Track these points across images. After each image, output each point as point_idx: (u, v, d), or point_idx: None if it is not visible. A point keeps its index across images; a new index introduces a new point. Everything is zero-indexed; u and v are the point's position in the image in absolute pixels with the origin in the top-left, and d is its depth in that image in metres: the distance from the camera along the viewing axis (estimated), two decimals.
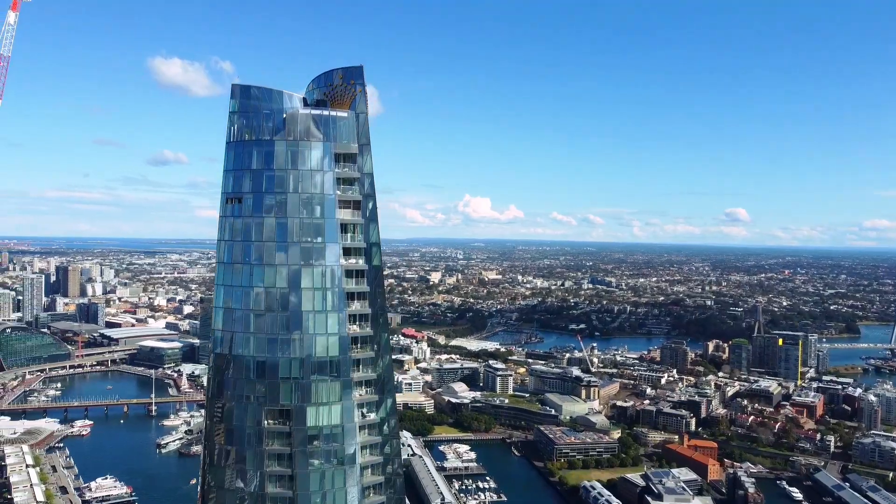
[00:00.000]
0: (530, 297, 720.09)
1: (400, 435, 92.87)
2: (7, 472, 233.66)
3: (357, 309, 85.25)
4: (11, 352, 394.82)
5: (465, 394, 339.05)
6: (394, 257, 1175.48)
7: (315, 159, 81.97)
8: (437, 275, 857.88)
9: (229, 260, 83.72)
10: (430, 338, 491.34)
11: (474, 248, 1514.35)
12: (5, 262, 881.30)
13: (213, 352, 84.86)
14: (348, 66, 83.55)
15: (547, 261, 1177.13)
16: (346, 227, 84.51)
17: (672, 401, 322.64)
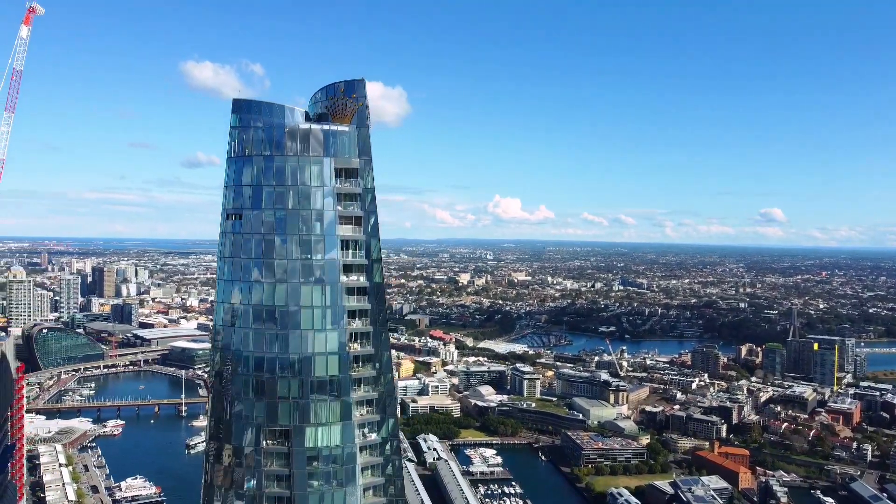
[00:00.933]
0: (560, 299, 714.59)
1: (402, 454, 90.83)
2: (41, 471, 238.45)
3: (358, 327, 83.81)
4: (47, 352, 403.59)
5: (492, 397, 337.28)
6: (423, 258, 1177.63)
7: (315, 175, 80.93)
8: (466, 276, 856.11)
9: (229, 277, 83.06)
10: (458, 340, 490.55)
11: (504, 249, 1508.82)
12: (45, 263, 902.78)
13: (213, 370, 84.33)
14: (350, 80, 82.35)
15: (577, 262, 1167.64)
16: (347, 244, 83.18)
17: (703, 406, 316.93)
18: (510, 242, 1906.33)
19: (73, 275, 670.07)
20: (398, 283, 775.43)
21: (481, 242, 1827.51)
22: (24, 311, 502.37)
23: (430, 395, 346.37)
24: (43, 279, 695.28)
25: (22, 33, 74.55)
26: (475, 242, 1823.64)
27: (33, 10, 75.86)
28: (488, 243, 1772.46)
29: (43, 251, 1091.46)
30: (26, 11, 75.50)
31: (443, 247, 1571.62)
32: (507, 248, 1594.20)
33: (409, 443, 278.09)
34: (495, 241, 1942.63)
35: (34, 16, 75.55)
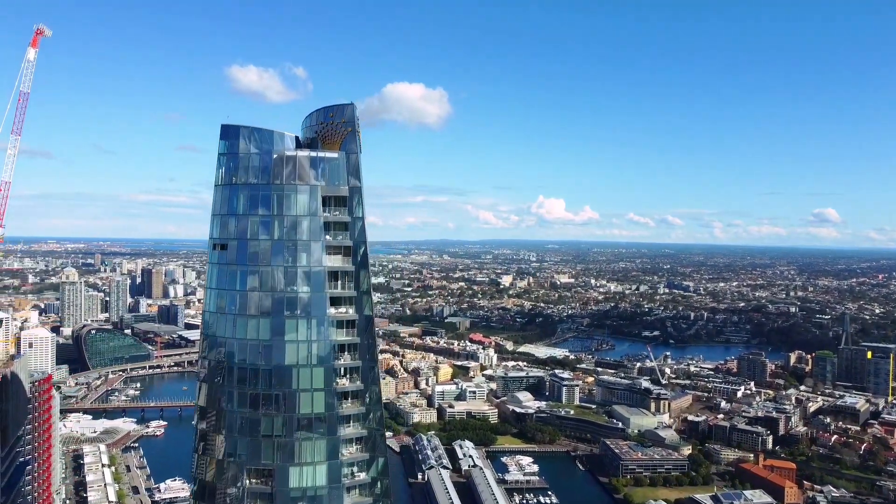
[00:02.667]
0: (603, 302, 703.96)
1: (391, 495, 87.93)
2: (84, 471, 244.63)
3: (347, 361, 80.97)
4: (96, 352, 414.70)
5: (530, 403, 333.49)
6: (465, 259, 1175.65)
7: (302, 204, 78.58)
8: (509, 278, 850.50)
9: (214, 309, 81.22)
10: (498, 343, 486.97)
11: (548, 251, 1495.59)
12: (98, 264, 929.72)
13: (197, 405, 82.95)
14: (340, 104, 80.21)
15: (622, 263, 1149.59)
16: (336, 275, 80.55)
17: (748, 416, 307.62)
18: (554, 244, 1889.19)
19: (123, 276, 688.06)
20: (439, 285, 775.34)
21: (525, 244, 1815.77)
22: (76, 311, 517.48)
23: (467, 401, 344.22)
24: (95, 280, 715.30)
25: (29, 56, 75.10)
26: (519, 244, 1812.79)
27: (41, 31, 76.06)
28: (532, 244, 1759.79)
29: (97, 252, 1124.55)
30: (34, 34, 75.55)
31: (486, 248, 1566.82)
32: (550, 249, 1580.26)
33: (445, 449, 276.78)
34: (539, 243, 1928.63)
35: (41, 38, 75.52)
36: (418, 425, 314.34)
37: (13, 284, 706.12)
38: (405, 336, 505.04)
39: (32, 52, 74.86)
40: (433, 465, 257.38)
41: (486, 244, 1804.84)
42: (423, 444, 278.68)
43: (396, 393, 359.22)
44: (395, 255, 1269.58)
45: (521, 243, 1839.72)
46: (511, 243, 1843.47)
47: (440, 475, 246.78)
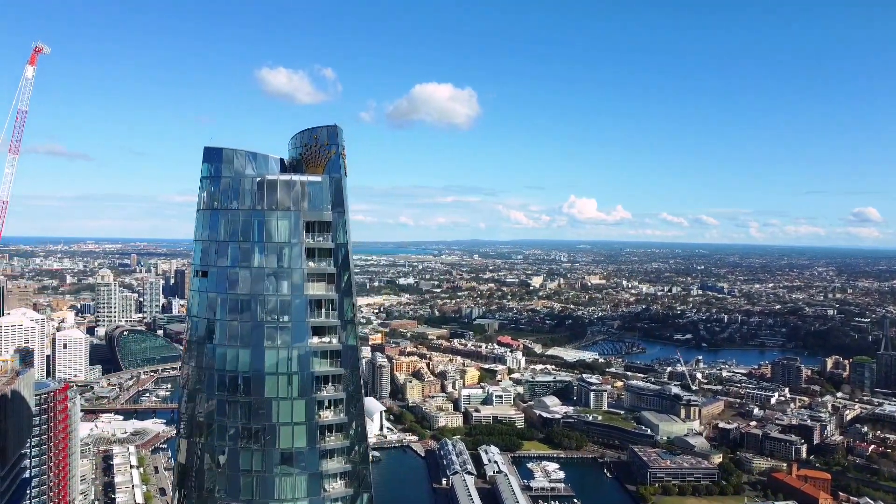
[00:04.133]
0: (634, 304, 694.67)
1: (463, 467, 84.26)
2: (113, 472, 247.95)
3: (329, 393, 77.89)
4: (128, 353, 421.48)
5: (557, 408, 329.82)
6: (496, 260, 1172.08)
7: (283, 229, 76.06)
8: (539, 279, 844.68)
9: (195, 338, 79.37)
10: (527, 346, 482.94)
11: (580, 251, 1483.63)
12: (134, 264, 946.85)
13: (178, 436, 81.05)
14: (323, 126, 77.86)
15: (655, 264, 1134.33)
16: (318, 304, 77.55)
17: (782, 424, 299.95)
18: (586, 244, 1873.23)
19: (157, 276, 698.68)
20: (469, 287, 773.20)
21: (556, 244, 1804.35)
22: (111, 312, 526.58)
23: (493, 405, 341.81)
24: (130, 280, 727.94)
25: (27, 73, 75.33)
26: (550, 244, 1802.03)
27: (39, 49, 76.29)
28: (563, 244, 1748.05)
29: (133, 252, 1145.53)
30: (32, 51, 75.52)
31: (517, 248, 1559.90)
32: (582, 249, 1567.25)
33: (470, 454, 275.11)
34: (571, 243, 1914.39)
35: (40, 55, 75.46)
36: (444, 429, 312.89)
37: (52, 285, 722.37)
38: (433, 338, 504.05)
39: (31, 70, 75.23)
40: (457, 470, 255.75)
41: (517, 244, 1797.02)
42: (447, 449, 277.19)
43: (423, 396, 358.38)
44: (426, 255, 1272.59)
45: (552, 243, 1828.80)
46: (542, 243, 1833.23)
47: (464, 481, 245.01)
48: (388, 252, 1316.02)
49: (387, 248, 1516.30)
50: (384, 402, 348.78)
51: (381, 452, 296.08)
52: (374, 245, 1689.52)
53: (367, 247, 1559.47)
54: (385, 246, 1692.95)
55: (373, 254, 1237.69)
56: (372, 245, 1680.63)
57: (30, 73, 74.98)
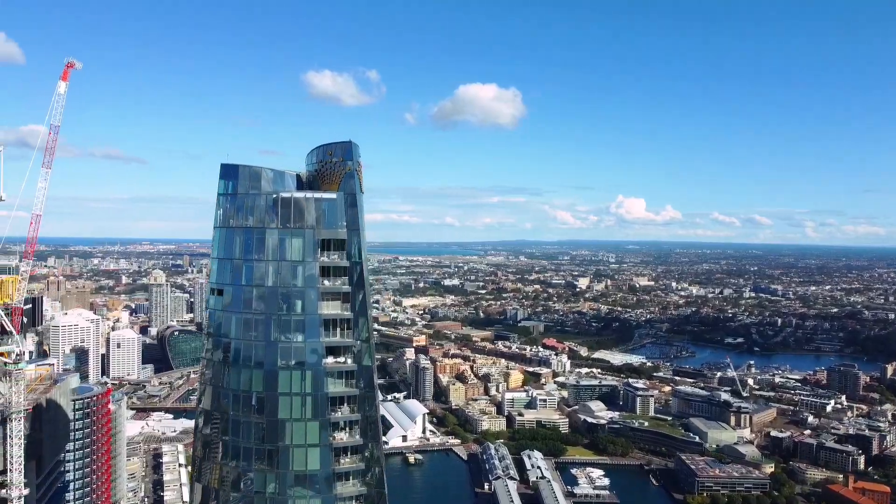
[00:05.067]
0: (683, 307, 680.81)
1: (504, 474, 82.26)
2: (162, 470, 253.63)
3: (344, 415, 76.50)
4: (179, 352, 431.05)
5: (602, 413, 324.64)
6: (542, 261, 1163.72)
7: (296, 248, 74.90)
8: (585, 280, 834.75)
9: (210, 357, 78.93)
10: (572, 349, 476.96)
11: (628, 251, 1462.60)
12: (186, 265, 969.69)
13: (194, 456, 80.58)
14: (338, 142, 76.91)
15: (706, 265, 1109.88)
16: (332, 323, 76.17)
17: (837, 433, 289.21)
18: (634, 244, 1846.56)
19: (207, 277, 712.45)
20: (514, 288, 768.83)
21: (604, 244, 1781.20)
22: (163, 312, 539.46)
23: (537, 409, 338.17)
24: (182, 281, 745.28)
25: (60, 89, 76.35)
26: (597, 244, 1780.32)
27: (71, 64, 77.26)
28: (611, 245, 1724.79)
29: (186, 253, 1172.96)
30: (64, 66, 76.86)
31: (563, 249, 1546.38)
32: (630, 250, 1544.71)
33: (513, 458, 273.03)
34: (619, 243, 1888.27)
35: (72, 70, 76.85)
36: (487, 433, 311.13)
37: (108, 285, 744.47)
38: (477, 340, 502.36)
39: (63, 86, 76.26)
40: (500, 475, 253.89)
41: (564, 245, 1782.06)
42: (490, 454, 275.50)
43: (466, 399, 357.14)
44: (471, 256, 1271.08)
45: (599, 244, 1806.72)
46: (589, 244, 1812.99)
47: (507, 486, 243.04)
48: (433, 253, 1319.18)
49: (432, 249, 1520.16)
50: (427, 404, 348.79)
51: (423, 455, 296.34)
52: (420, 246, 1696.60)
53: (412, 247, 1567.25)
54: (430, 247, 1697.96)
55: (418, 254, 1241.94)
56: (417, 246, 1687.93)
57: (62, 88, 76.07)
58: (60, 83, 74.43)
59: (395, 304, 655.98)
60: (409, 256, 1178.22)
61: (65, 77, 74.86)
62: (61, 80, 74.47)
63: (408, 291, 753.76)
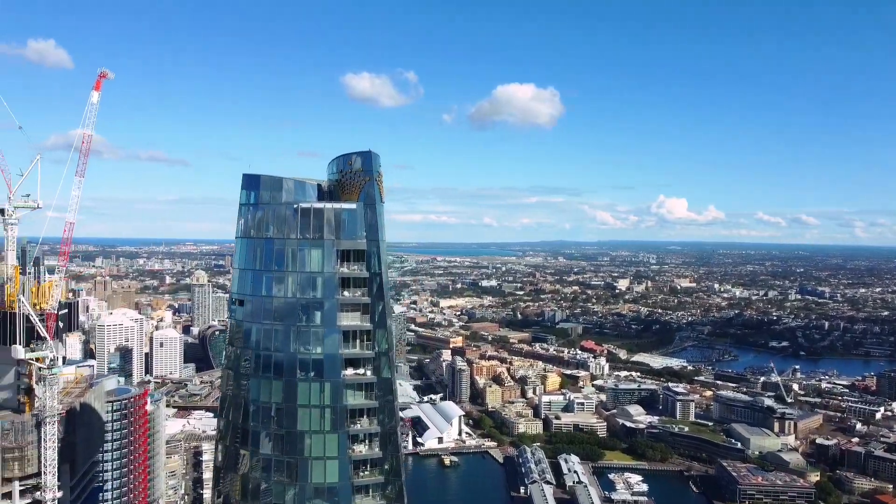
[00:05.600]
0: (726, 309, 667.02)
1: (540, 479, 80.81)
2: (202, 468, 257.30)
3: (364, 427, 75.58)
4: (219, 351, 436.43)
5: (641, 417, 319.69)
6: (581, 262, 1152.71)
7: (315, 259, 74.26)
8: (625, 282, 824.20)
9: (232, 366, 78.75)
10: (611, 352, 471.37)
11: (669, 252, 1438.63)
12: (228, 265, 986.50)
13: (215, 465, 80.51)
14: (358, 152, 76.02)
15: (750, 266, 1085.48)
16: (352, 335, 75.22)
17: (888, 442, 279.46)
18: (676, 245, 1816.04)
19: None
20: (552, 289, 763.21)
21: (644, 245, 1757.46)
22: (204, 311, 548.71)
23: (574, 412, 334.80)
24: (224, 281, 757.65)
25: (93, 98, 77.63)
26: (638, 245, 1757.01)
27: (104, 75, 78.65)
28: (652, 245, 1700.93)
29: (228, 254, 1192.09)
30: (97, 77, 78.09)
31: (603, 249, 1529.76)
32: (672, 250, 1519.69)
33: (550, 462, 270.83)
34: (660, 244, 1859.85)
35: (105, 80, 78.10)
36: (523, 436, 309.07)
37: (153, 285, 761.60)
38: (514, 342, 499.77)
39: (96, 96, 77.67)
40: (536, 479, 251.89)
41: (604, 245, 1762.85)
42: (526, 457, 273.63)
43: (502, 401, 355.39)
44: (510, 256, 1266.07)
45: (640, 244, 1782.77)
46: (629, 244, 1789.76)
47: (542, 491, 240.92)
48: (471, 253, 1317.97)
49: (470, 250, 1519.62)
50: (463, 406, 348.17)
51: (459, 457, 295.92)
52: (458, 246, 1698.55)
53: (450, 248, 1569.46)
54: (468, 247, 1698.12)
55: (456, 255, 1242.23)
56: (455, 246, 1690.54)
57: (95, 98, 77.45)
58: (93, 93, 75.76)
59: (432, 305, 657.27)
60: (446, 257, 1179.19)
61: (98, 87, 76.21)
62: (94, 90, 75.82)
63: (445, 292, 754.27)
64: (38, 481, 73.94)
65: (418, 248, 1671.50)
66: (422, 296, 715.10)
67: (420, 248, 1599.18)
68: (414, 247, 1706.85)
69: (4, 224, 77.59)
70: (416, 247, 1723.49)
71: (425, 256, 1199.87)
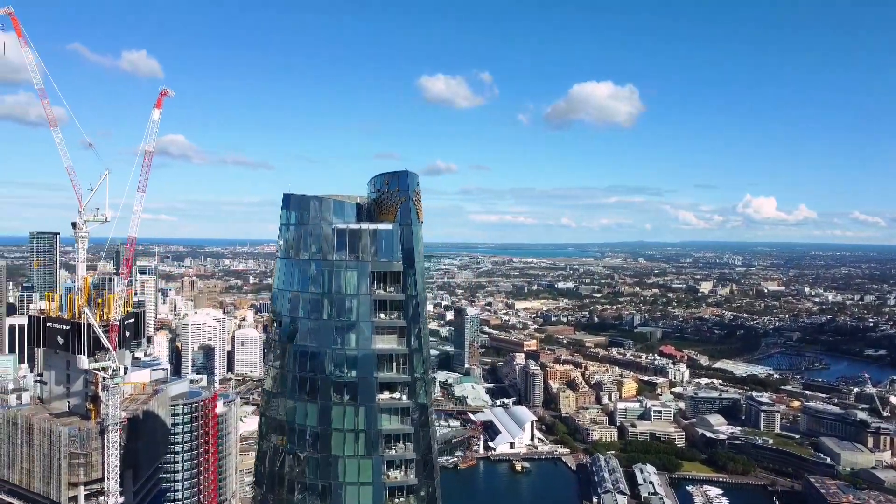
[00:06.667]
0: (817, 314, 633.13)
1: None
2: None
3: (399, 453, 73.68)
4: None
5: (722, 428, 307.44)
6: (662, 263, 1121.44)
7: (351, 281, 72.88)
8: (708, 284, 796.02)
9: (270, 387, 78.42)
10: (691, 358, 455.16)
11: (756, 253, 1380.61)
12: None
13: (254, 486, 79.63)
14: (395, 172, 74.63)
15: (844, 269, 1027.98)
16: (387, 358, 73.54)
17: None
18: (764, 246, 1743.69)
19: None
20: (631, 292, 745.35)
21: (730, 245, 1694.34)
22: None
23: (651, 421, 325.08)
24: None
25: (154, 116, 79.89)
26: (723, 246, 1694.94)
27: (165, 93, 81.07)
28: (738, 247, 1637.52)
29: None
30: (159, 95, 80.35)
31: (685, 250, 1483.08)
32: (759, 252, 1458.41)
33: (624, 472, 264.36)
34: (746, 245, 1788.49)
35: (165, 98, 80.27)
36: (597, 444, 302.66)
37: (237, 285, 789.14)
38: (590, 346, 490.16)
39: (157, 113, 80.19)
40: (609, 489, 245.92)
41: (686, 246, 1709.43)
42: (599, 465, 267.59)
43: (576, 407, 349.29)
44: (587, 258, 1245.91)
45: (725, 245, 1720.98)
46: (714, 245, 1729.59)
47: (616, 501, 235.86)
48: (548, 254, 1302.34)
49: (547, 251, 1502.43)
50: (536, 411, 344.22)
51: (530, 464, 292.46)
52: (535, 247, 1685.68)
53: (526, 249, 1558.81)
54: (545, 248, 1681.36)
55: (532, 256, 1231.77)
56: (532, 247, 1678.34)
57: (156, 115, 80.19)
58: (154, 111, 78.20)
59: (507, 307, 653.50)
60: (523, 258, 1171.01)
61: (159, 105, 78.64)
62: (155, 108, 78.19)
63: (521, 294, 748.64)
64: (101, 486, 76.82)
65: (495, 248, 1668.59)
66: (497, 297, 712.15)
67: (496, 249, 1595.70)
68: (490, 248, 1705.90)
69: (75, 237, 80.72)
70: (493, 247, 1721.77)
71: (501, 257, 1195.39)
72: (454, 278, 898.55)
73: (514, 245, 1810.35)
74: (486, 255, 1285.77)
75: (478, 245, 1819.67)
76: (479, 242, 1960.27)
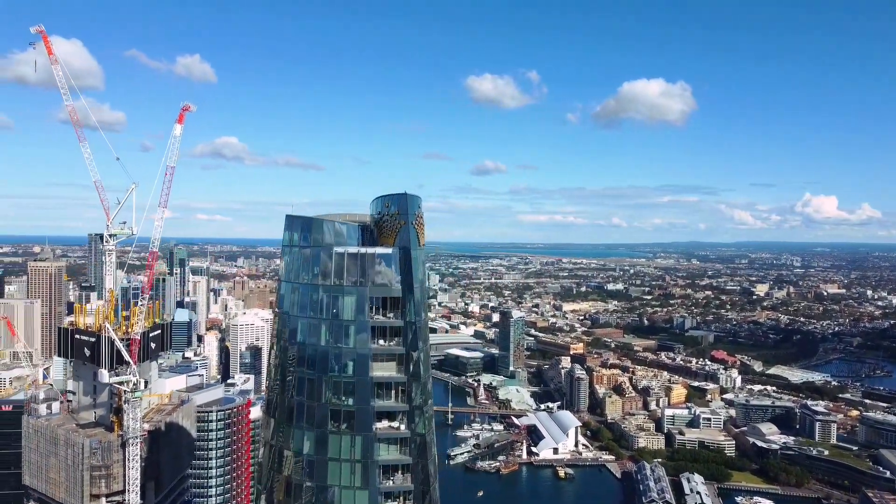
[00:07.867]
0: (880, 319, 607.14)
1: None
2: None
3: (397, 484, 71.24)
4: None
5: (775, 437, 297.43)
6: (716, 264, 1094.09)
7: (348, 306, 70.94)
8: (764, 287, 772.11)
9: (273, 414, 77.03)
10: (744, 363, 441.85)
11: (816, 254, 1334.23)
12: None
13: None
14: (394, 194, 72.57)
15: None
16: (386, 387, 71.57)
17: None
18: (824, 246, 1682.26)
19: None
20: (683, 294, 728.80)
21: (788, 246, 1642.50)
22: None
23: (700, 428, 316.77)
24: None
25: (176, 132, 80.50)
26: (781, 246, 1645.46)
27: (187, 108, 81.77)
28: (797, 247, 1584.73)
29: None
30: (181, 110, 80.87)
31: (741, 251, 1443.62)
32: (819, 252, 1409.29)
33: (670, 480, 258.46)
34: (806, 245, 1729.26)
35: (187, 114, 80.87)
36: (643, 451, 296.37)
37: None
38: (638, 349, 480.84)
39: (179, 129, 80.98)
40: (654, 498, 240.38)
41: (742, 246, 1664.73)
42: (645, 474, 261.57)
43: (622, 413, 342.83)
44: (638, 258, 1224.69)
45: (783, 245, 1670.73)
46: (771, 245, 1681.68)
47: None
48: (598, 255, 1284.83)
49: (597, 251, 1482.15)
50: (581, 416, 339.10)
51: (574, 470, 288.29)
52: (585, 247, 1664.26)
53: (576, 249, 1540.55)
54: (596, 248, 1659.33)
55: (582, 256, 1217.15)
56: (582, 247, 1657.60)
57: (178, 131, 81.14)
58: (176, 126, 78.87)
59: (554, 309, 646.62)
60: (572, 259, 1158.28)
61: (180, 120, 79.31)
62: (177, 123, 78.78)
63: (569, 295, 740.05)
64: (122, 498, 77.54)
65: (545, 249, 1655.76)
66: (544, 299, 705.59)
67: (546, 249, 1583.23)
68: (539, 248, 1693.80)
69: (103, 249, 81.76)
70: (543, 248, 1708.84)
71: (550, 258, 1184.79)
72: (502, 279, 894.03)
73: (564, 245, 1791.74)
74: (534, 255, 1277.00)
75: (527, 245, 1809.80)
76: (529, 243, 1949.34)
